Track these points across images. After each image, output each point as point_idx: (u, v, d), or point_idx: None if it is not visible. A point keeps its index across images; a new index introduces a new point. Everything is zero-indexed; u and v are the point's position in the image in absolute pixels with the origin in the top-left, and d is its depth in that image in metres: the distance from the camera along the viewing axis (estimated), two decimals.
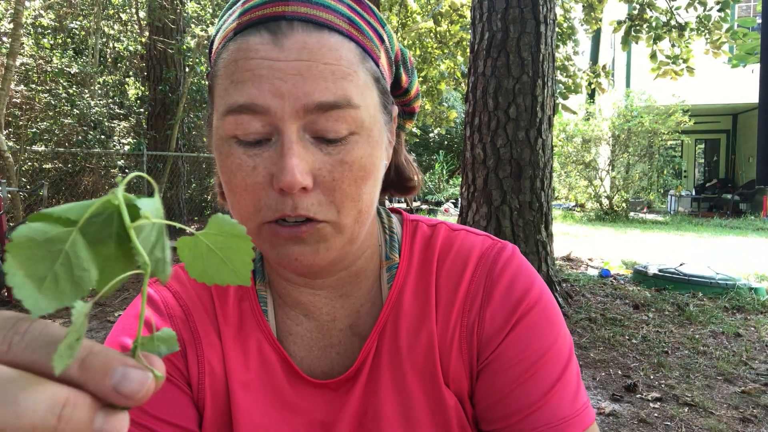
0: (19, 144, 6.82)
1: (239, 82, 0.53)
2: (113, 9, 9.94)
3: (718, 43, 7.19)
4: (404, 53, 0.66)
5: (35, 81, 7.67)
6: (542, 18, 4.35)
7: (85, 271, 0.28)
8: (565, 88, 8.77)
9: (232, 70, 0.54)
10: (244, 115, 0.53)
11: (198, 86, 9.77)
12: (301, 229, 0.54)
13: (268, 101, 0.52)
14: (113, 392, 0.27)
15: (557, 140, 12.63)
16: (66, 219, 0.28)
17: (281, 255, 0.55)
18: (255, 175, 0.53)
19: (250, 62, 0.53)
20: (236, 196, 0.55)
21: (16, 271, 0.26)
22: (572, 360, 0.62)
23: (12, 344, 0.27)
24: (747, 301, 4.70)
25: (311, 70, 0.52)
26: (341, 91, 0.53)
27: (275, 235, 0.55)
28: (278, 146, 0.53)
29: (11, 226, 5.50)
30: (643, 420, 2.68)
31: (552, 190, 4.60)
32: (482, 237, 0.68)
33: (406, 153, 0.74)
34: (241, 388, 0.62)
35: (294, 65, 0.52)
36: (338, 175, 0.53)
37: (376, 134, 0.57)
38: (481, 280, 0.63)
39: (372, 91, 0.57)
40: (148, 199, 0.30)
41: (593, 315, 4.35)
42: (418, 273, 0.66)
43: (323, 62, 0.52)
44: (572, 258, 7.06)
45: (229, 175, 0.55)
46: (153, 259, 0.29)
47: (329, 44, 0.53)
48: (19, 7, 5.97)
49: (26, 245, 0.27)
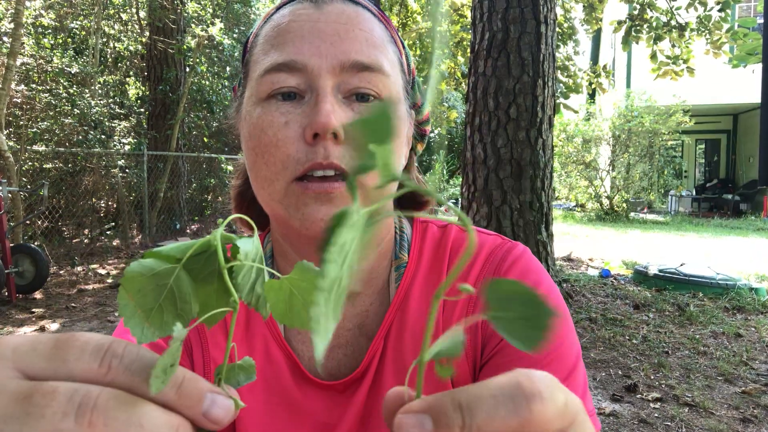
0: (19, 144, 6.81)
1: (280, 44, 0.56)
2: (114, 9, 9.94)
3: (719, 44, 7.19)
4: (417, 79, 0.68)
5: (36, 81, 7.67)
6: (543, 18, 4.34)
7: (186, 304, 0.30)
8: (566, 88, 8.77)
9: (274, 34, 0.57)
10: (282, 73, 0.55)
11: (198, 86, 9.77)
12: (333, 185, 0.54)
13: (306, 59, 0.54)
14: (203, 417, 0.28)
15: (558, 140, 12.63)
16: (172, 257, 0.30)
17: (305, 216, 0.55)
18: (286, 129, 0.54)
19: (292, 24, 0.56)
20: (265, 154, 0.55)
21: (128, 302, 0.29)
22: (579, 366, 0.60)
23: (111, 366, 0.28)
24: (747, 302, 4.70)
25: (349, 33, 0.55)
26: (374, 57, 0.56)
27: (304, 192, 0.54)
28: (312, 100, 0.54)
29: (11, 226, 5.50)
30: (643, 420, 2.68)
31: (552, 190, 4.59)
32: (493, 236, 0.68)
33: (417, 173, 0.75)
34: (246, 388, 0.62)
35: (333, 27, 0.55)
36: None
37: (401, 111, 0.60)
38: (489, 276, 0.63)
39: (397, 73, 0.60)
40: (247, 238, 0.32)
41: (593, 315, 4.35)
42: (427, 273, 0.66)
43: (359, 28, 0.56)
44: (573, 258, 7.06)
45: (259, 135, 0.56)
46: (254, 295, 0.32)
47: (365, 16, 0.57)
48: (19, 7, 5.97)
49: (137, 279, 0.29)
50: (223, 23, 9.12)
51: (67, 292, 5.39)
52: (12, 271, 4.93)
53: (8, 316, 4.52)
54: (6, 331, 4.11)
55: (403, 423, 0.27)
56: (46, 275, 5.13)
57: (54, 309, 4.77)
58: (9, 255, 4.91)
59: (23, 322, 4.39)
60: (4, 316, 4.54)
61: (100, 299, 5.08)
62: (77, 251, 7.14)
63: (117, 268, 6.56)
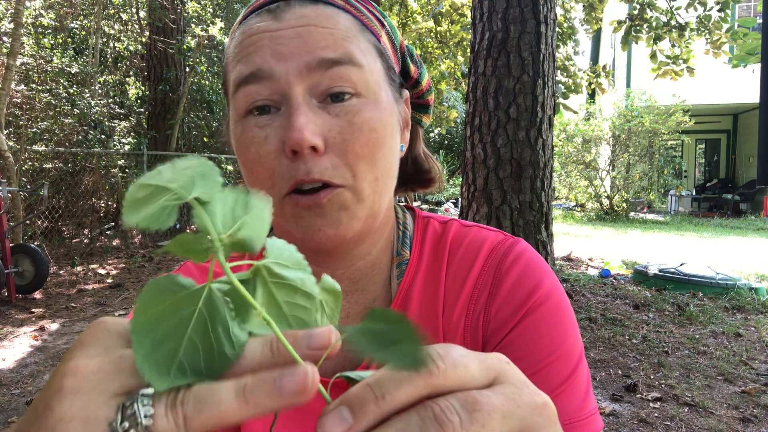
0: (19, 144, 6.81)
1: (244, 57, 0.55)
2: (114, 9, 9.94)
3: (719, 43, 7.18)
4: (410, 48, 0.67)
5: (35, 81, 7.66)
6: (543, 18, 4.34)
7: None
8: (566, 88, 8.77)
9: (238, 50, 0.56)
10: (251, 85, 0.54)
11: (198, 86, 9.77)
12: (320, 195, 0.53)
13: (271, 65, 0.53)
14: (309, 350, 0.29)
15: (557, 140, 12.63)
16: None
17: (305, 228, 0.55)
18: (267, 144, 0.54)
19: (252, 38, 0.55)
20: (252, 171, 0.55)
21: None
22: (582, 364, 0.60)
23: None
24: (747, 301, 4.70)
25: (311, 33, 0.54)
26: (342, 49, 0.54)
27: (296, 205, 0.54)
28: (286, 111, 0.54)
29: (11, 226, 5.50)
30: (643, 420, 2.68)
31: (552, 190, 4.59)
32: (495, 232, 0.67)
33: (424, 147, 0.74)
34: None
35: (293, 30, 0.54)
36: (349, 136, 0.54)
37: (384, 102, 0.58)
38: (490, 273, 0.62)
39: (375, 60, 0.58)
40: (277, 240, 0.33)
41: (593, 315, 4.35)
42: (428, 269, 0.65)
43: (321, 26, 0.55)
44: (572, 258, 7.06)
45: (244, 152, 0.56)
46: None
47: (326, 13, 0.56)
48: (19, 7, 5.96)
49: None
50: (223, 23, 9.12)
51: (67, 292, 5.39)
52: (12, 271, 4.93)
53: (8, 316, 4.52)
54: (6, 331, 4.11)
55: (324, 425, 0.27)
56: (45, 275, 5.13)
57: (54, 309, 4.77)
58: (9, 255, 4.91)
59: (23, 322, 4.39)
60: (4, 316, 4.54)
61: (100, 299, 5.08)
62: (77, 251, 7.14)
63: (117, 268, 6.56)
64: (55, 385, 0.29)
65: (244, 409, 0.27)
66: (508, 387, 0.30)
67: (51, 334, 4.09)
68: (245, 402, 0.27)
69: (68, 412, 0.28)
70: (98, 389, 0.28)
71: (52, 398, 0.28)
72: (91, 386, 0.28)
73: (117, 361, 0.29)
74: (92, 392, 0.28)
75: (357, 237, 0.59)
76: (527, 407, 0.29)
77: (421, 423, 0.27)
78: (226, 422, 0.28)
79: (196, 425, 0.27)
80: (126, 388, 0.28)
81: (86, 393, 0.28)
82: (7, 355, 3.65)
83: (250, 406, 0.27)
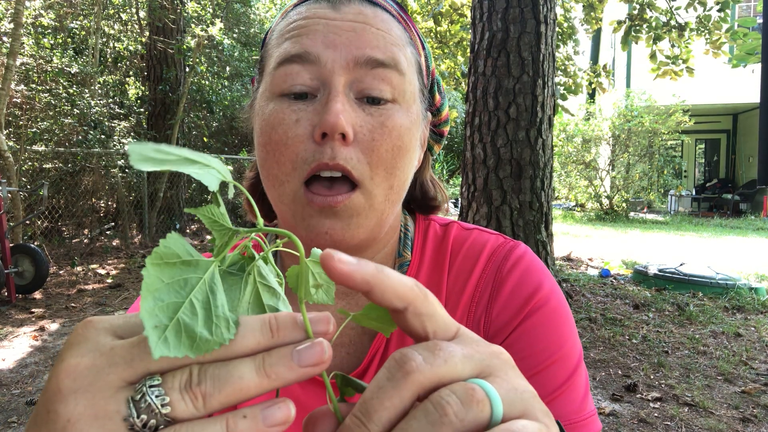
0: (19, 144, 6.81)
1: (294, 37, 0.56)
2: (113, 9, 9.94)
3: (718, 44, 7.18)
4: (438, 78, 0.68)
5: (35, 81, 7.66)
6: (542, 18, 4.34)
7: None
8: (565, 89, 8.76)
9: (289, 29, 0.57)
10: (295, 65, 0.55)
11: (198, 86, 9.77)
12: (336, 199, 0.54)
13: (320, 51, 0.54)
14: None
15: (557, 140, 12.62)
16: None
17: (311, 227, 0.55)
18: (297, 127, 0.54)
19: (307, 20, 0.56)
20: (274, 153, 0.55)
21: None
22: (581, 367, 0.60)
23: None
24: (747, 301, 4.70)
25: (365, 30, 0.55)
26: (391, 53, 0.56)
27: (309, 204, 0.55)
28: (324, 98, 0.54)
29: (11, 226, 5.50)
30: (643, 420, 2.68)
31: (552, 190, 4.59)
32: (495, 235, 0.68)
33: (432, 174, 0.74)
34: None
35: (349, 24, 0.55)
36: (378, 136, 0.55)
37: (415, 114, 0.59)
38: (491, 276, 0.63)
39: (414, 73, 0.60)
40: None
41: (593, 315, 4.35)
42: (429, 271, 0.66)
43: (376, 27, 0.56)
44: (572, 258, 7.06)
45: (270, 132, 0.56)
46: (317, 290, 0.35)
47: (383, 17, 0.58)
48: (19, 7, 5.96)
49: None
50: (223, 23, 9.12)
51: (67, 292, 5.39)
52: (12, 271, 4.93)
53: (8, 316, 4.52)
54: (5, 331, 4.11)
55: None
56: (45, 275, 5.12)
57: (54, 309, 4.77)
58: (9, 255, 4.91)
59: (23, 322, 4.38)
60: (4, 316, 4.54)
61: (100, 299, 5.08)
62: (77, 251, 7.13)
63: (117, 268, 6.56)
64: (53, 388, 0.29)
65: (266, 382, 0.28)
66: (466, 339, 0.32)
67: (51, 334, 4.09)
68: (266, 376, 0.28)
69: (74, 412, 0.27)
70: (98, 385, 0.28)
71: (54, 402, 0.28)
72: (89, 383, 0.28)
73: (108, 354, 0.29)
74: (93, 389, 0.28)
75: (361, 244, 0.60)
76: (485, 353, 0.31)
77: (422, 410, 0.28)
78: (245, 397, 0.28)
79: (216, 403, 0.28)
80: (127, 380, 0.28)
81: (87, 390, 0.28)
82: (7, 355, 3.65)
83: (271, 379, 0.29)
